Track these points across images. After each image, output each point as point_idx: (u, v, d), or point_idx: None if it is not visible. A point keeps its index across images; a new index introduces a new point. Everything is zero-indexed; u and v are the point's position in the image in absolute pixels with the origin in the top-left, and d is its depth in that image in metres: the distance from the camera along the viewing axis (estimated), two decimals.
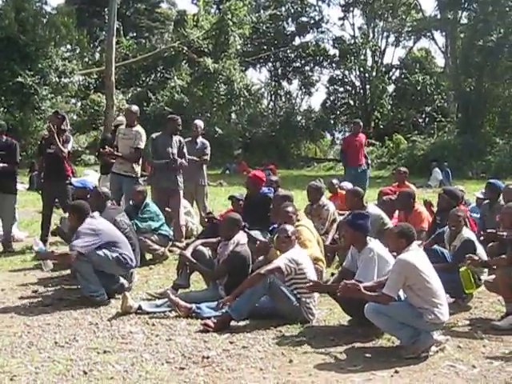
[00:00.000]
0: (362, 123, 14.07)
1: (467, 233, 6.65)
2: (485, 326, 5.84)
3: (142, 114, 31.92)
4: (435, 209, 8.54)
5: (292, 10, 41.65)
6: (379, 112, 39.72)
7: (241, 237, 6.56)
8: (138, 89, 35.81)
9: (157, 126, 29.17)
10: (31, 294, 6.93)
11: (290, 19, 42.15)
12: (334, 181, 10.92)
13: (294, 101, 43.93)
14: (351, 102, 42.65)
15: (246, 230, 7.10)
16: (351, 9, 41.30)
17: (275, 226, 7.96)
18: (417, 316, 5.03)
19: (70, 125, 28.80)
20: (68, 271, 7.74)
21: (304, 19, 42.37)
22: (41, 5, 29.41)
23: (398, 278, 5.03)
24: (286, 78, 43.50)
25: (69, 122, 9.65)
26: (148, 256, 8.55)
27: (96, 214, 6.83)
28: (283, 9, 41.31)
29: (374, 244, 5.76)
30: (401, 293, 5.25)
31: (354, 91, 41.98)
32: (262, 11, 40.30)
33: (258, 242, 7.18)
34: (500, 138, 27.35)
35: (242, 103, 34.26)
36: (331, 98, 42.79)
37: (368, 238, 5.76)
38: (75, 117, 33.52)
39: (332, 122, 41.77)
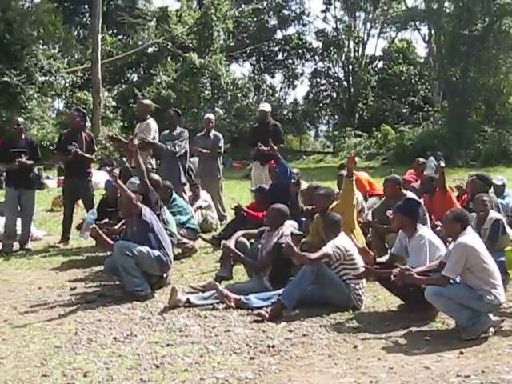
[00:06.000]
0: None
1: (494, 214, 6.97)
2: None
3: (128, 111, 31.99)
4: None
5: (273, 4, 41.48)
6: (363, 103, 39.78)
7: (285, 228, 6.58)
8: (124, 86, 35.54)
9: None
10: (70, 292, 6.87)
11: (271, 13, 42.03)
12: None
13: (277, 94, 43.89)
14: (334, 95, 42.76)
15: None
16: (332, 1, 41.33)
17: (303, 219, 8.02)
18: (477, 298, 5.11)
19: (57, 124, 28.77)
20: (99, 267, 7.72)
21: (286, 12, 42.37)
22: (29, 4, 29.04)
23: (459, 261, 5.10)
24: (269, 71, 43.45)
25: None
26: (176, 250, 8.50)
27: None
28: (265, 3, 41.14)
29: (425, 230, 5.84)
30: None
31: (337, 83, 42.04)
32: (243, 5, 40.13)
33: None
34: (488, 125, 27.60)
35: (229, 98, 34.13)
36: (313, 91, 42.84)
37: (418, 224, 5.83)
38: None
39: (315, 114, 41.80)
